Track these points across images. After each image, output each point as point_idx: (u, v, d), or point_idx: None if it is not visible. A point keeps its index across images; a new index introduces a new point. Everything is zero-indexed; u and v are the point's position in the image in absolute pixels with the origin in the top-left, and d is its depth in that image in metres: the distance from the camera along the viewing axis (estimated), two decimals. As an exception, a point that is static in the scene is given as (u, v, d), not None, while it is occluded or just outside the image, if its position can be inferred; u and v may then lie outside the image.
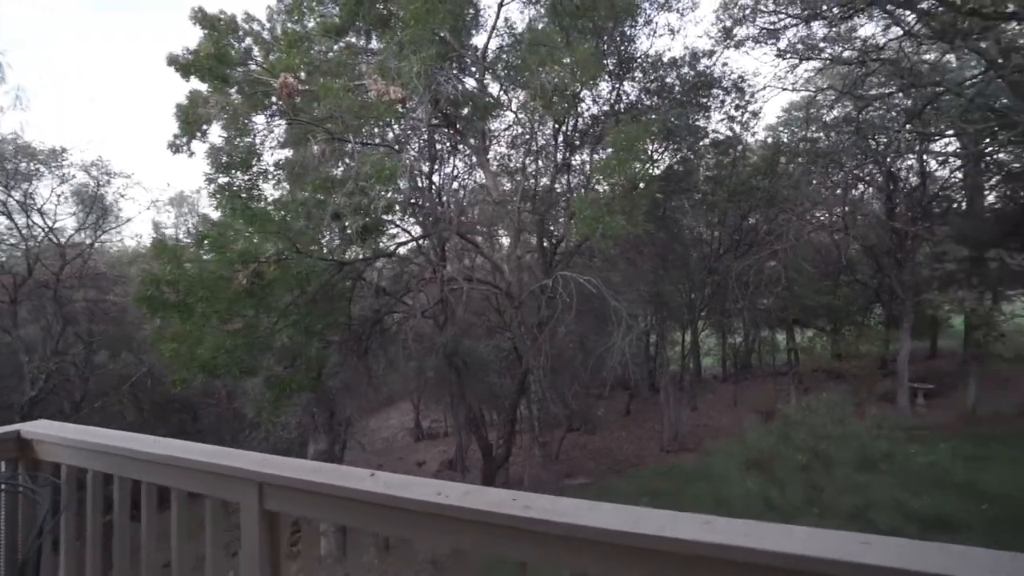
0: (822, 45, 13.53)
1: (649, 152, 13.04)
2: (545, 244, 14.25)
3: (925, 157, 17.69)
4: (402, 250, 14.50)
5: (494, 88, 12.91)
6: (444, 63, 10.87)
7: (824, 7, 11.37)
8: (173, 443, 1.54)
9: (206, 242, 8.29)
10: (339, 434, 17.30)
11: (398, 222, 13.88)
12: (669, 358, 19.86)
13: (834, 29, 12.67)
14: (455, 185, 15.57)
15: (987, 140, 13.99)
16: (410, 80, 8.98)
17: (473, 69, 12.42)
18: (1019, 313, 14.23)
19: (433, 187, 14.06)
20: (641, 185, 11.37)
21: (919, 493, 6.83)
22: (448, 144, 14.77)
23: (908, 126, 13.65)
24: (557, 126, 13.21)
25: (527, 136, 13.93)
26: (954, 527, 6.65)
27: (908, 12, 11.51)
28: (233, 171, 9.28)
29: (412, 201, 13.05)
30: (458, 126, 12.94)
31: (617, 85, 13.59)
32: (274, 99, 11.15)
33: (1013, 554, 0.71)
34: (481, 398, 17.13)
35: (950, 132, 14.45)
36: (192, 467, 1.40)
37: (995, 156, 16.06)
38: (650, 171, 13.02)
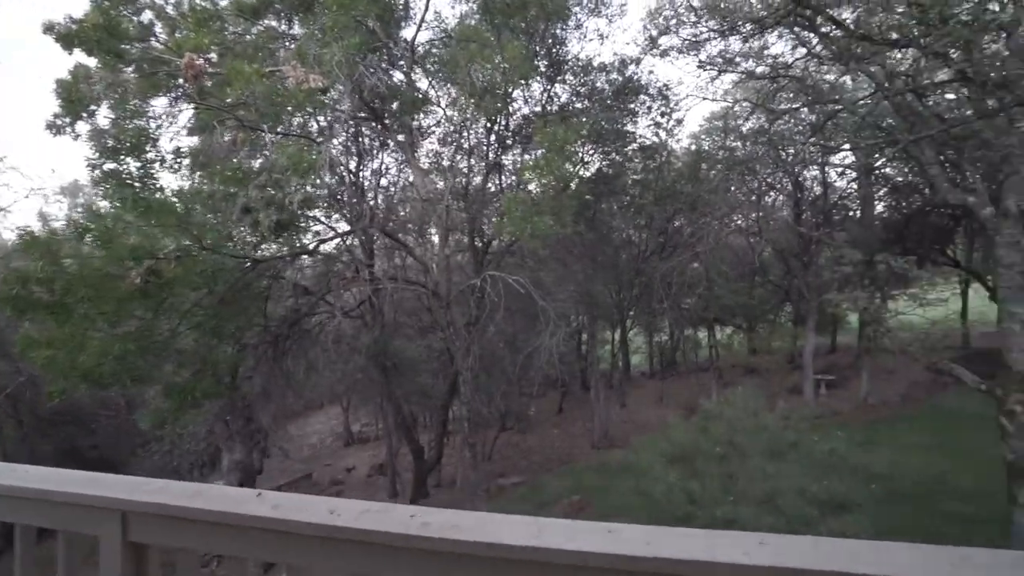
0: (738, 60, 14.43)
1: (579, 154, 13.24)
2: (477, 244, 14.10)
3: (827, 168, 19.41)
4: (328, 248, 13.80)
5: (423, 83, 12.59)
6: (370, 53, 10.41)
7: (739, 23, 12.09)
8: (15, 468, 1.29)
9: (88, 236, 7.35)
10: (258, 442, 16.21)
11: (322, 218, 13.18)
12: (600, 356, 20.38)
13: (748, 44, 13.54)
14: (383, 181, 15.06)
15: (876, 155, 15.53)
16: (331, 69, 8.50)
17: (401, 62, 12.02)
18: (902, 311, 15.85)
19: (357, 183, 13.48)
20: (572, 186, 11.50)
21: (819, 478, 7.39)
22: (378, 139, 14.23)
23: (812, 139, 14.84)
24: (489, 124, 13.10)
25: (457, 133, 13.70)
26: (847, 507, 7.25)
27: (812, 34, 12.52)
28: (122, 157, 8.31)
29: (337, 197, 12.43)
30: (386, 120, 12.48)
31: (548, 87, 13.70)
32: (180, 81, 10.19)
33: (906, 544, 0.72)
34: (412, 400, 16.72)
35: (847, 147, 15.89)
36: (39, 497, 1.17)
37: (883, 170, 17.89)
38: (580, 173, 13.22)
